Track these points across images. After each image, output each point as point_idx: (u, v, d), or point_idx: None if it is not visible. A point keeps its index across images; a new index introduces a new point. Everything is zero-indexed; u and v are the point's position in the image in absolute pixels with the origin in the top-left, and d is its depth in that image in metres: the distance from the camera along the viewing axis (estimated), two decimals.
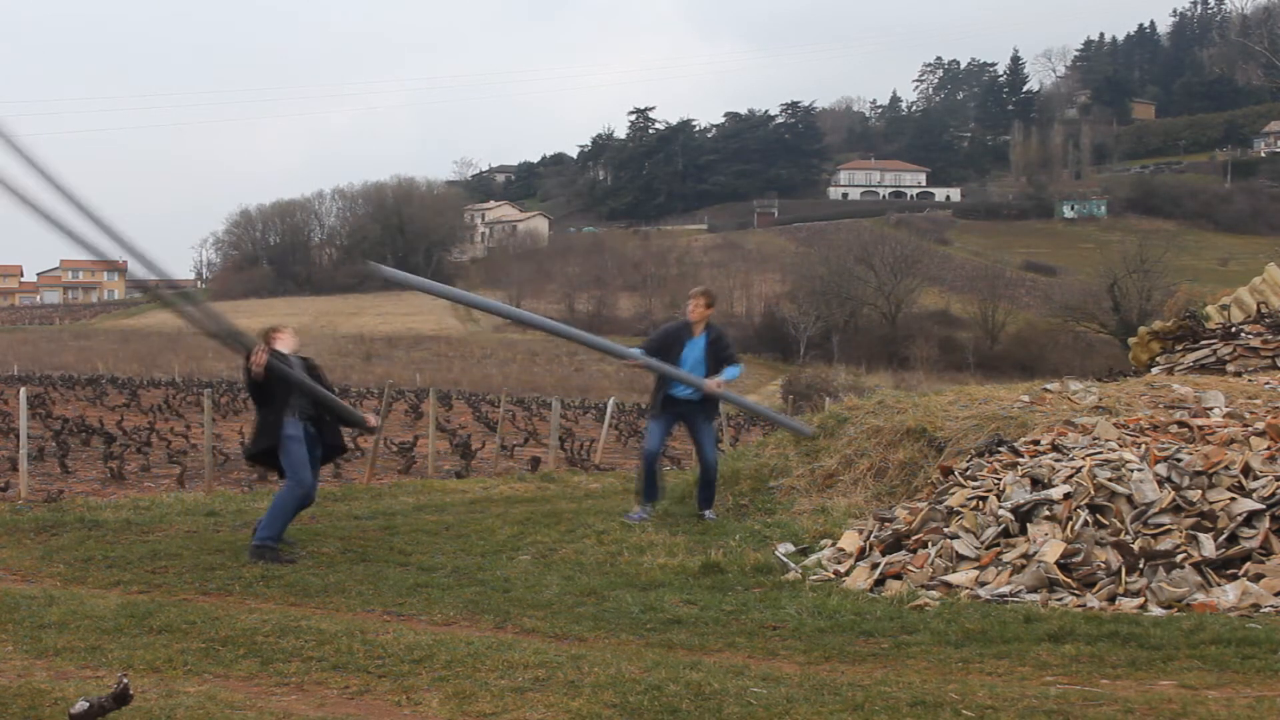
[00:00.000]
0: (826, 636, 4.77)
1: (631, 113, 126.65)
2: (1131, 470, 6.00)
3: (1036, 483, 6.18)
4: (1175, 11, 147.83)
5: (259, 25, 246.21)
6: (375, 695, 3.84)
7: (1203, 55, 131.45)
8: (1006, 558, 5.71)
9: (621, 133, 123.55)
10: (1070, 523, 5.76)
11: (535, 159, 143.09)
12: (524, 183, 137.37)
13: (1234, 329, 11.63)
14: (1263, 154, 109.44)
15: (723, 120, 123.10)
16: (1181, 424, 7.16)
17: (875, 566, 6.00)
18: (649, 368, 7.86)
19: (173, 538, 7.39)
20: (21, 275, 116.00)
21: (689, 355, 7.89)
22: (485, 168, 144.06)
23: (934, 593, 5.55)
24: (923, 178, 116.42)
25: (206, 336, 7.25)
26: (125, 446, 15.84)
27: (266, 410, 6.83)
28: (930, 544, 6.04)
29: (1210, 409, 7.74)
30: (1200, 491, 5.76)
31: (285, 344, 7.04)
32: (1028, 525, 5.88)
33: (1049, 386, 9.05)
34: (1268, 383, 9.05)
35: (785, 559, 6.41)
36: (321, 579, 6.01)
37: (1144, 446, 6.47)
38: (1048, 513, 5.88)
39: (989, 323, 71.01)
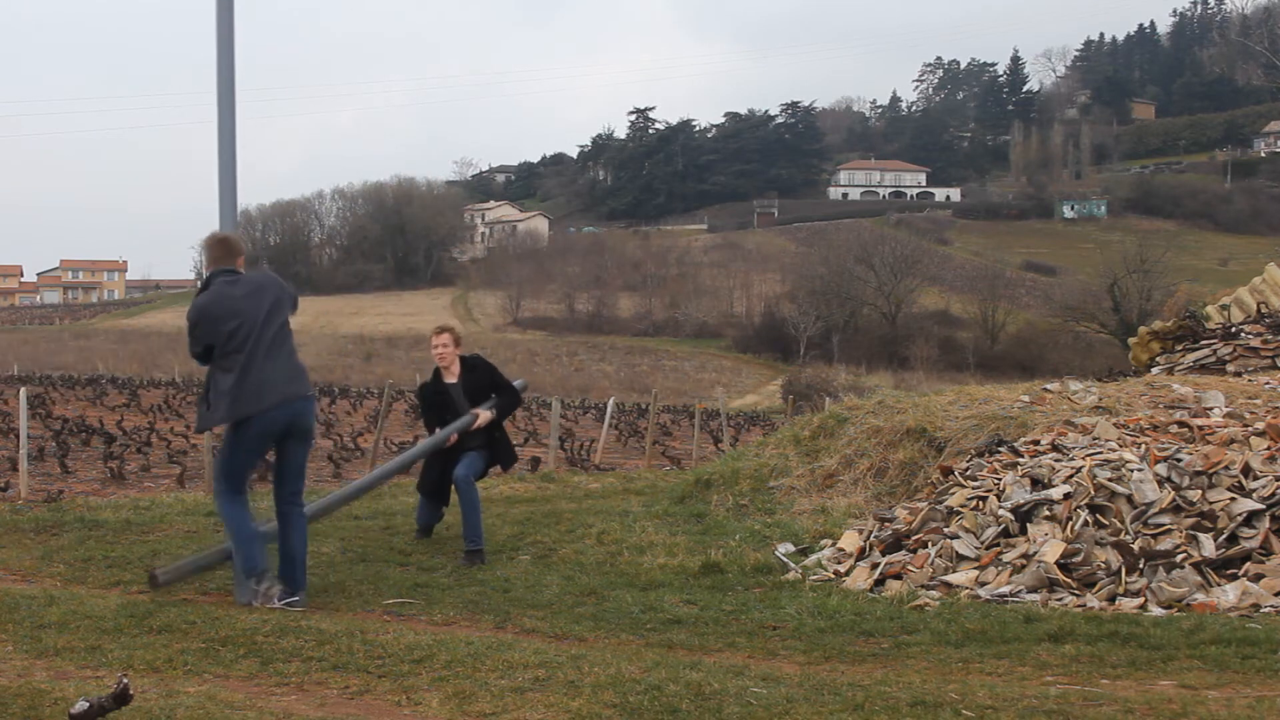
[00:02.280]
0: (826, 636, 4.77)
1: (631, 113, 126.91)
2: (1131, 470, 6.01)
3: (1036, 483, 6.18)
4: (1175, 11, 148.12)
5: (259, 25, 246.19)
6: (375, 695, 3.84)
7: (1203, 55, 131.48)
8: (1006, 558, 5.71)
9: (621, 133, 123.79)
10: (1070, 523, 5.77)
11: (535, 159, 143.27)
12: (524, 183, 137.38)
13: (1234, 329, 11.64)
14: (1263, 154, 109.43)
15: (722, 120, 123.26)
16: (1181, 424, 7.16)
17: (875, 566, 6.00)
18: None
19: (173, 538, 7.39)
20: (21, 275, 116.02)
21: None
22: (485, 168, 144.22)
23: (934, 593, 5.56)
24: (923, 178, 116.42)
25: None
26: (125, 446, 15.84)
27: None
28: (930, 544, 6.04)
29: (1210, 409, 7.74)
30: (1200, 491, 5.76)
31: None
32: (1028, 525, 5.88)
33: (1049, 386, 9.06)
34: (1268, 383, 9.05)
35: (785, 559, 6.41)
36: (321, 579, 6.01)
37: (1144, 446, 6.47)
38: (1048, 513, 5.88)
39: (989, 323, 71.03)
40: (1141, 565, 5.38)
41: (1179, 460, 6.06)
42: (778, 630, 4.90)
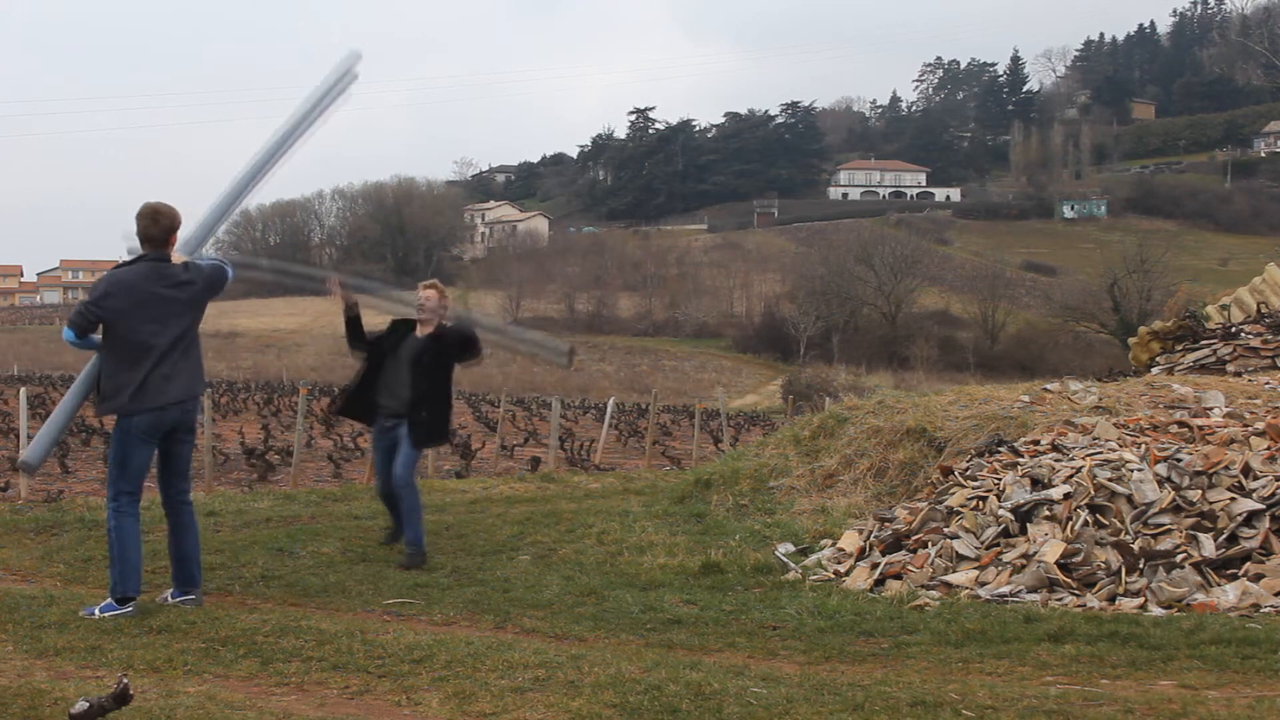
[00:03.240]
0: (826, 636, 4.77)
1: (631, 113, 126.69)
2: (1131, 470, 6.01)
3: (1036, 483, 6.18)
4: (1175, 11, 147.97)
5: (259, 25, 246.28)
6: (375, 695, 3.84)
7: (1203, 55, 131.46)
8: (1006, 558, 5.71)
9: (621, 133, 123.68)
10: (1070, 523, 5.77)
11: (535, 159, 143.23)
12: (524, 183, 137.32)
13: (1234, 329, 11.64)
14: (1263, 154, 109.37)
15: (723, 120, 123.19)
16: (1181, 424, 7.16)
17: (875, 566, 6.00)
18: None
19: None
20: (21, 275, 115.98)
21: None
22: (485, 168, 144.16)
23: (934, 593, 5.56)
24: (923, 178, 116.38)
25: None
26: None
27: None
28: (930, 544, 6.04)
29: (1210, 409, 7.74)
30: (1200, 491, 5.76)
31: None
32: (1028, 525, 5.88)
33: (1049, 386, 9.05)
34: (1268, 383, 9.05)
35: (785, 559, 6.41)
36: (321, 579, 6.01)
37: (1144, 446, 6.47)
38: (1048, 513, 5.88)
39: (989, 323, 71.03)
40: (1141, 565, 5.38)
41: (1179, 460, 6.06)
42: (778, 630, 4.90)
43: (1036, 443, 6.96)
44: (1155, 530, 5.61)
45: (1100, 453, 6.36)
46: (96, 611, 4.95)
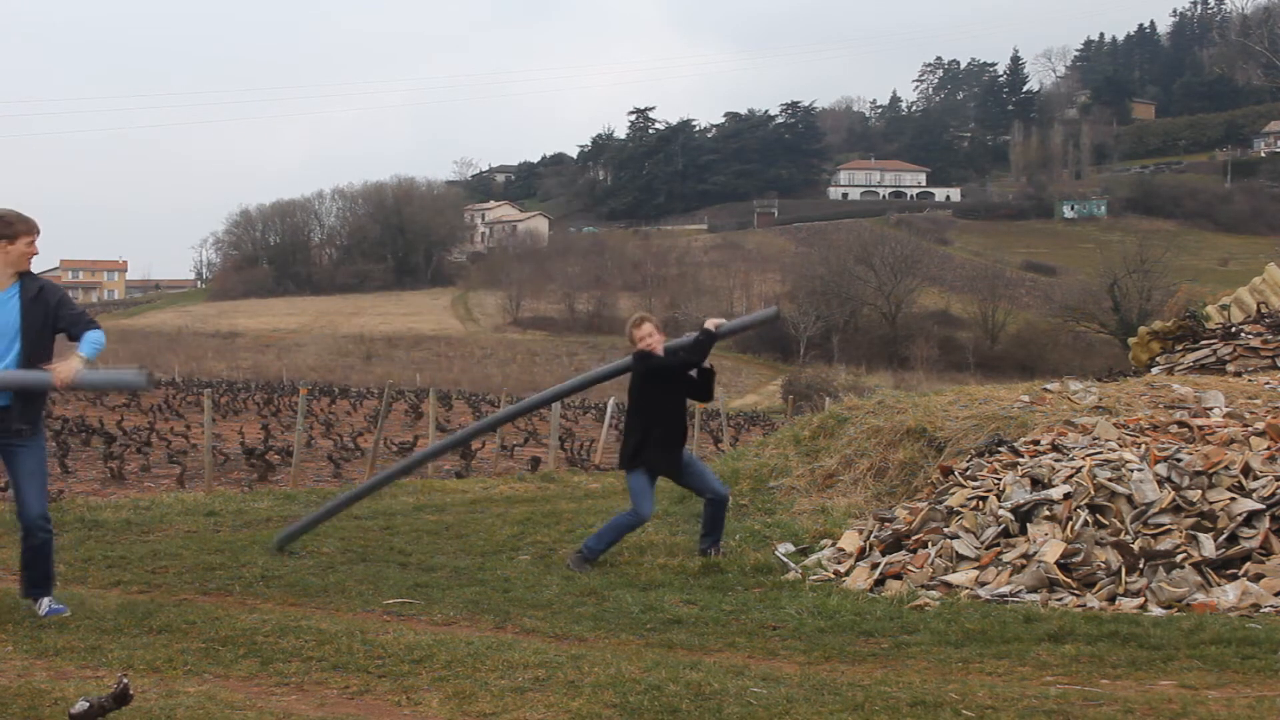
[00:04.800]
0: (826, 636, 4.77)
1: (631, 113, 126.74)
2: (1131, 470, 6.00)
3: (1036, 483, 6.18)
4: (1175, 11, 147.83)
5: (259, 25, 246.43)
6: (375, 695, 3.84)
7: (1203, 55, 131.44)
8: (1006, 558, 5.71)
9: (621, 133, 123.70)
10: (1070, 523, 5.77)
11: (535, 159, 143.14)
12: (524, 183, 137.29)
13: (1234, 329, 11.65)
14: (1263, 154, 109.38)
15: (723, 120, 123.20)
16: (1181, 424, 7.16)
17: (875, 566, 6.00)
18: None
19: (173, 538, 7.39)
20: None
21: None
22: (485, 168, 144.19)
23: (934, 593, 5.56)
24: (923, 178, 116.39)
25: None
26: (125, 446, 15.84)
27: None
28: (930, 544, 6.04)
29: (1210, 409, 7.74)
30: (1200, 491, 5.76)
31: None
32: (1028, 525, 5.88)
33: (1049, 386, 9.05)
34: (1268, 383, 9.05)
35: (785, 559, 6.41)
36: (321, 579, 6.01)
37: (1144, 446, 6.47)
38: (1048, 513, 5.88)
39: (989, 323, 71.05)
40: (1141, 565, 5.38)
41: (1179, 460, 6.06)
42: (778, 630, 4.90)
43: (1036, 443, 6.96)
44: (1155, 530, 5.61)
45: (1100, 453, 6.36)
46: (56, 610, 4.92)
